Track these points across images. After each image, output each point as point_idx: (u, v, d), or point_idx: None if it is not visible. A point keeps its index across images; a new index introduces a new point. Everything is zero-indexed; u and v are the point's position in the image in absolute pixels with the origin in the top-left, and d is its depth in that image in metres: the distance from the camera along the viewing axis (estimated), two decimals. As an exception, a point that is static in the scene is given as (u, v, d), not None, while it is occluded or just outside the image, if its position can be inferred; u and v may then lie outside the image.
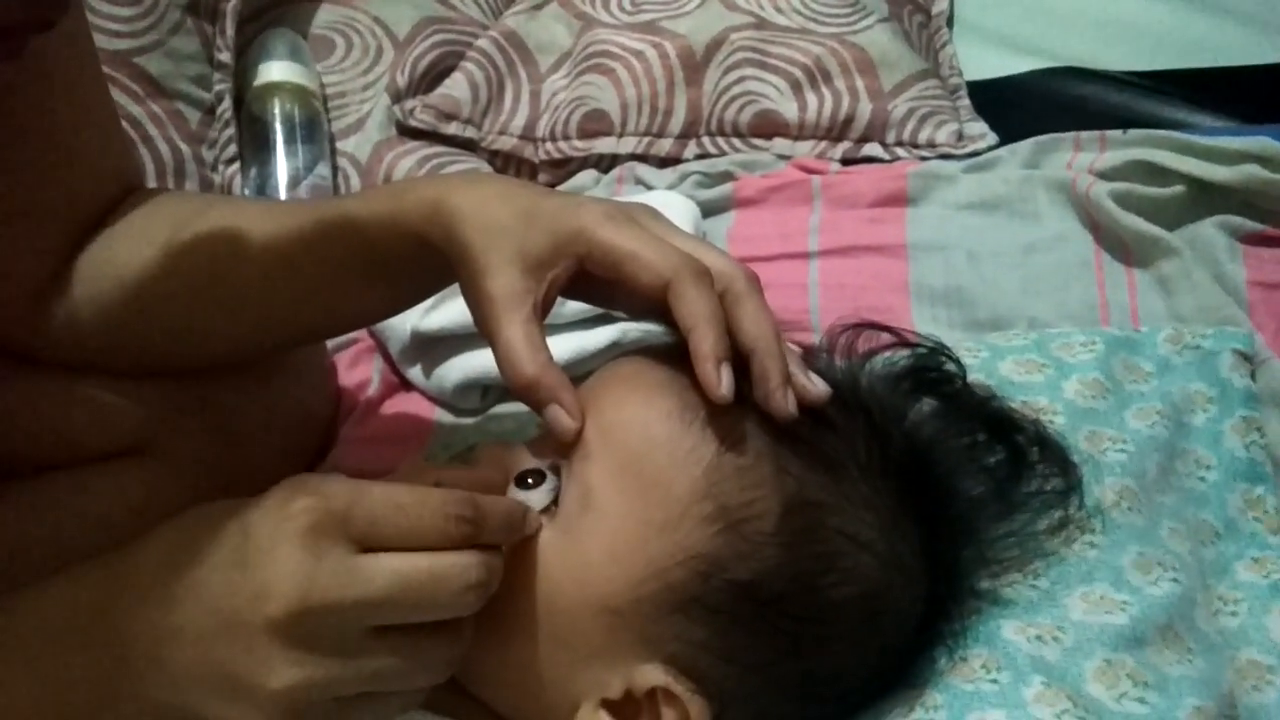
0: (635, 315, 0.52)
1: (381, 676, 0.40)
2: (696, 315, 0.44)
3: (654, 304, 0.46)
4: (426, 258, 0.50)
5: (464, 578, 0.40)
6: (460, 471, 0.46)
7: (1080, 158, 0.81)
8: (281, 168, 0.87)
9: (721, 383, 0.44)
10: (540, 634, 0.45)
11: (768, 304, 0.46)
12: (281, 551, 0.38)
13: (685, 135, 0.90)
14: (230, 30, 0.90)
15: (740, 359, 0.45)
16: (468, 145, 0.92)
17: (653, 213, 0.49)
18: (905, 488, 0.47)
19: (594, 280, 0.47)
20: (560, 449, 0.46)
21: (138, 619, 0.40)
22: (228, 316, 0.56)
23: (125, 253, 0.55)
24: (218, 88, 0.89)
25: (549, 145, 0.91)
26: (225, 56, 0.89)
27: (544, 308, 0.47)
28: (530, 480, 0.46)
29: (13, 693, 0.41)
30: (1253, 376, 0.64)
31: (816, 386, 0.46)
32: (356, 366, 0.77)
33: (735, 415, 0.45)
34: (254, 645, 0.38)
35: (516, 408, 0.72)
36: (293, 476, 0.41)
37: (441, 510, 0.40)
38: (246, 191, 0.87)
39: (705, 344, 0.44)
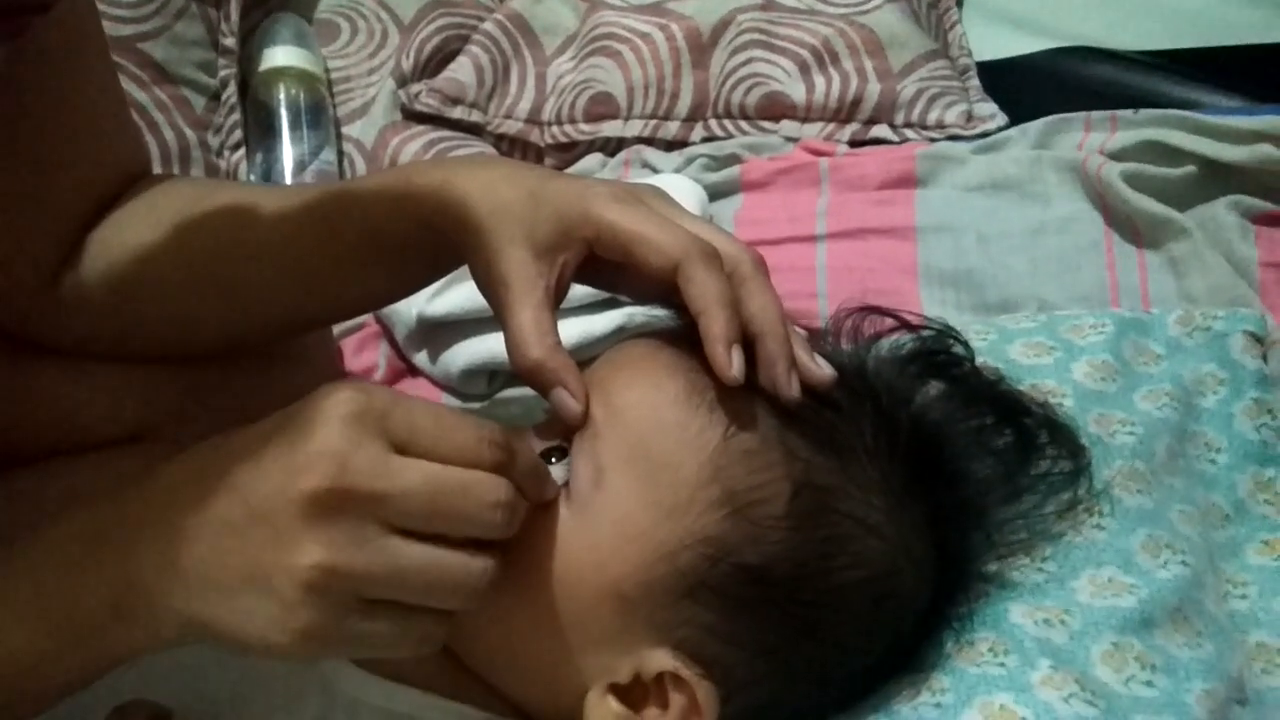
0: (641, 299, 0.51)
1: (406, 581, 0.39)
2: (707, 297, 0.44)
3: (662, 287, 0.45)
4: (432, 241, 0.50)
5: (493, 493, 0.40)
6: None
7: (1091, 138, 0.81)
8: (287, 153, 0.87)
9: (733, 364, 0.43)
10: (550, 616, 0.45)
11: (773, 287, 0.46)
12: (320, 430, 0.38)
13: (692, 118, 0.90)
14: (235, 15, 0.90)
15: (746, 342, 0.45)
16: (473, 129, 0.92)
17: (660, 194, 0.49)
18: (913, 471, 0.47)
19: (600, 263, 0.47)
20: (567, 433, 0.46)
21: (151, 528, 0.40)
22: (235, 300, 0.56)
23: (133, 238, 0.56)
24: (223, 73, 0.89)
25: (555, 129, 0.91)
26: (230, 42, 0.89)
27: (557, 292, 0.47)
28: (554, 459, 0.46)
29: (22, 619, 0.41)
30: (1264, 358, 0.64)
31: (822, 369, 0.46)
32: (362, 352, 0.77)
33: (743, 398, 0.45)
34: (281, 526, 0.38)
35: (523, 393, 0.72)
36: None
37: (477, 432, 0.40)
38: (252, 177, 0.87)
39: (716, 325, 0.44)
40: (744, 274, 0.46)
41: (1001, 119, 0.87)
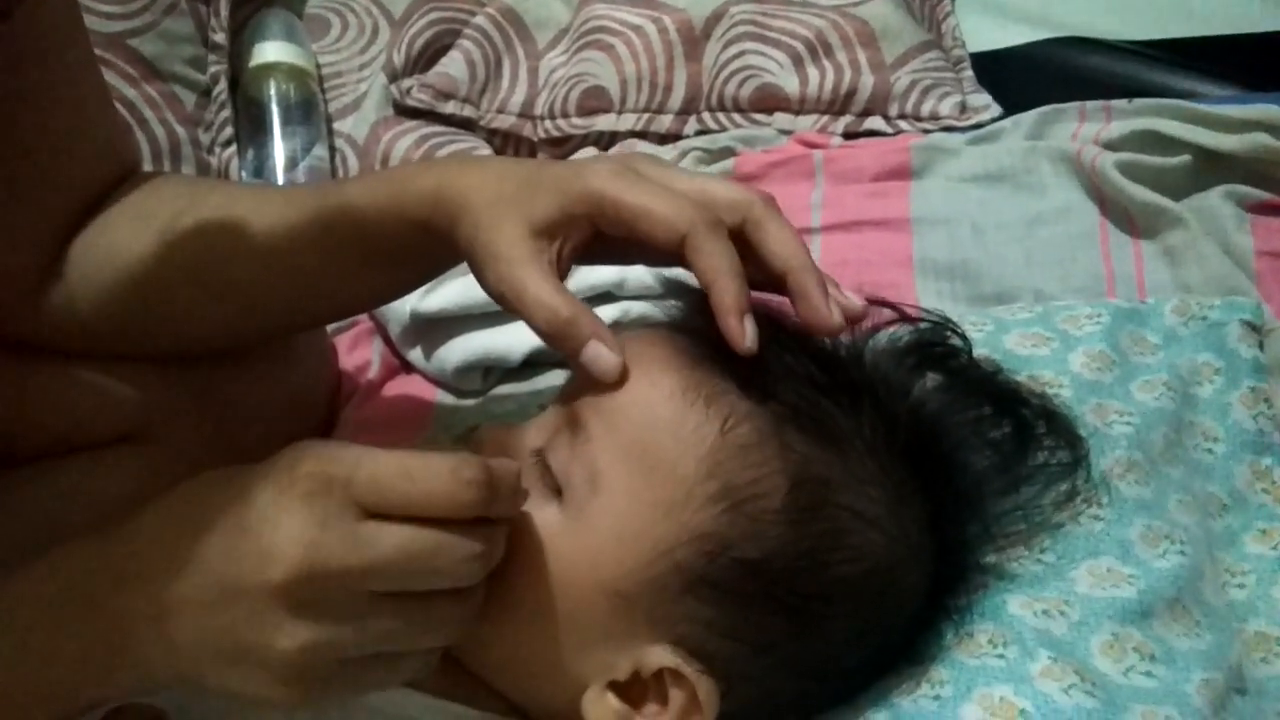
0: (653, 264, 0.51)
1: (387, 638, 0.40)
2: (715, 269, 0.44)
3: (672, 255, 0.45)
4: (428, 244, 0.49)
5: (464, 549, 0.40)
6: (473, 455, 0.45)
7: (1085, 128, 0.80)
8: (278, 149, 0.86)
9: (746, 335, 0.43)
10: (548, 617, 0.44)
11: (789, 222, 0.46)
12: (284, 516, 0.38)
13: (685, 111, 0.90)
14: (225, 11, 0.89)
15: (772, 282, 0.44)
16: (466, 124, 0.91)
17: (655, 160, 0.49)
18: (911, 463, 0.47)
19: (608, 241, 0.46)
20: (567, 425, 0.45)
21: (137, 592, 0.40)
22: (226, 304, 0.56)
23: (123, 238, 0.55)
24: (213, 69, 0.89)
25: (548, 123, 0.90)
26: (220, 37, 0.89)
27: (559, 269, 0.46)
28: None
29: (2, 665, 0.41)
30: (1260, 347, 0.63)
31: (852, 301, 0.46)
32: (356, 349, 0.76)
33: (739, 393, 0.45)
34: (258, 610, 0.38)
35: (518, 389, 0.71)
36: (297, 442, 0.40)
37: (451, 474, 0.39)
38: (243, 174, 0.87)
39: (727, 297, 0.43)
40: (757, 217, 0.45)
41: (995, 110, 0.87)
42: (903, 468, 0.47)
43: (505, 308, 0.46)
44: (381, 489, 0.39)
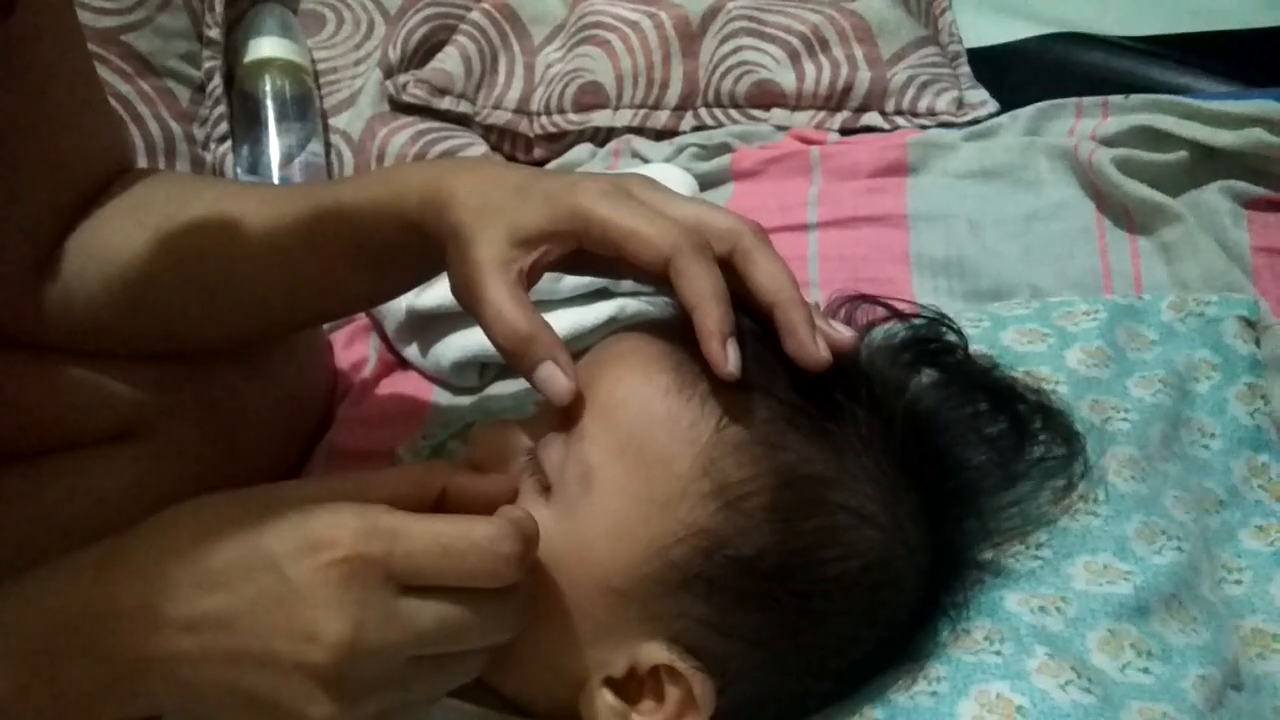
0: (643, 283, 0.51)
1: (418, 691, 0.41)
2: (699, 292, 0.43)
3: (657, 278, 0.45)
4: (421, 244, 0.49)
5: (504, 612, 0.41)
6: (471, 479, 0.45)
7: (1082, 124, 0.80)
8: (274, 145, 0.86)
9: (729, 360, 0.43)
10: (543, 615, 0.44)
11: (778, 254, 0.45)
12: (322, 599, 0.38)
13: (682, 107, 0.89)
14: (219, 6, 0.89)
15: (760, 314, 0.44)
16: (461, 120, 0.91)
17: (649, 183, 0.48)
18: (907, 459, 0.47)
19: (595, 256, 0.46)
20: (561, 423, 0.45)
21: (150, 638, 0.40)
22: (220, 302, 0.56)
23: (117, 237, 0.55)
24: (208, 65, 0.88)
25: (544, 119, 0.90)
26: (215, 33, 0.89)
27: (529, 278, 0.46)
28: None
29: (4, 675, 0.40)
30: (1257, 343, 0.63)
31: (841, 332, 0.45)
32: (352, 345, 0.76)
33: (734, 390, 0.44)
34: (294, 680, 0.39)
35: (514, 386, 0.71)
36: (323, 504, 0.40)
37: (490, 550, 0.40)
38: (238, 170, 0.86)
39: (709, 321, 0.43)
40: (746, 246, 0.45)
41: (992, 106, 0.87)
42: (898, 464, 0.46)
43: (467, 311, 0.46)
44: (420, 568, 0.40)
